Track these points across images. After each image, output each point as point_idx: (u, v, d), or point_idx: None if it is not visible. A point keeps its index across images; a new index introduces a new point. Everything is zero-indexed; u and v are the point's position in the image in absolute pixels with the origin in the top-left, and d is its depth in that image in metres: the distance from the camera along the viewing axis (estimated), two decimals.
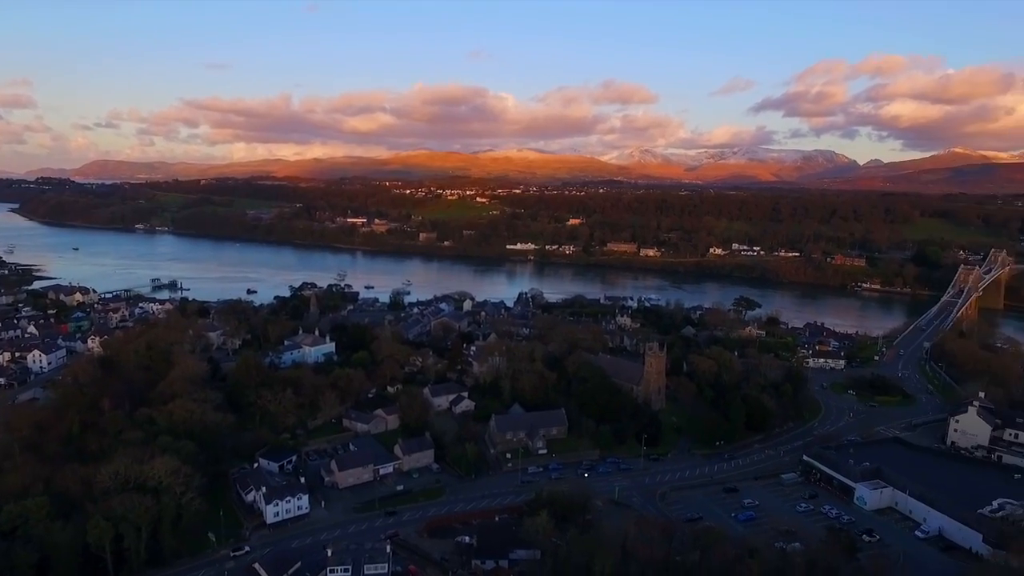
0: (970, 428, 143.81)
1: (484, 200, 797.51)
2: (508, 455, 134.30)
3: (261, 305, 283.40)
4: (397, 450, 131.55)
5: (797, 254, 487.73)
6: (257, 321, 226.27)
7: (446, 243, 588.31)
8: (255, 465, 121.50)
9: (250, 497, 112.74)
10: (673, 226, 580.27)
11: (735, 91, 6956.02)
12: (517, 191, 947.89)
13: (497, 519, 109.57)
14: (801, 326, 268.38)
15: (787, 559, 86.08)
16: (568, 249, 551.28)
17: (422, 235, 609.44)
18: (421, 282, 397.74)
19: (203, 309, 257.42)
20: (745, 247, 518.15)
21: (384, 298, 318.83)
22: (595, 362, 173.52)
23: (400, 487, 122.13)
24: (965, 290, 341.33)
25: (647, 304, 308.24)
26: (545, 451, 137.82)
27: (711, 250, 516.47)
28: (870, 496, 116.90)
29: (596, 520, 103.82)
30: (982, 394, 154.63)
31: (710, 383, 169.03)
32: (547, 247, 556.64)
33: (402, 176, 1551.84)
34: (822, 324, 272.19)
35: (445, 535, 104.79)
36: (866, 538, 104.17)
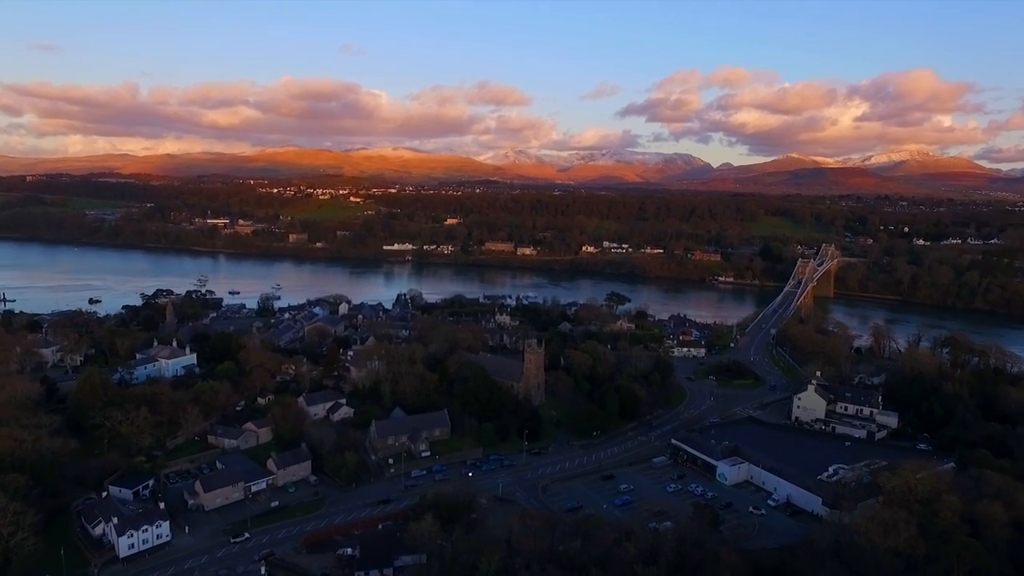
0: (810, 404, 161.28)
1: (358, 199, 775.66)
2: (391, 460, 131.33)
3: (107, 316, 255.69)
4: (271, 464, 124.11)
5: (661, 251, 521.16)
6: (102, 334, 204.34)
7: (319, 244, 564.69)
8: (104, 494, 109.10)
9: (99, 530, 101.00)
10: (548, 225, 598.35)
11: (603, 96, 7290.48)
12: (393, 190, 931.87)
13: (381, 527, 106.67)
14: (667, 318, 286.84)
15: (660, 537, 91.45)
16: (446, 249, 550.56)
17: (292, 236, 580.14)
18: (292, 286, 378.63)
19: (33, 323, 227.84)
20: (615, 245, 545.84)
21: (251, 304, 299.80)
22: (476, 361, 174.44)
23: (275, 503, 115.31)
24: (803, 281, 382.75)
25: (525, 302, 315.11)
26: (429, 453, 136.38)
27: (584, 248, 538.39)
28: (730, 472, 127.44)
29: (482, 518, 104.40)
30: (818, 373, 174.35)
31: (586, 376, 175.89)
32: (425, 247, 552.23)
33: (269, 174, 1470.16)
34: (685, 316, 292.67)
35: (325, 549, 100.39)
36: (754, 511, 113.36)
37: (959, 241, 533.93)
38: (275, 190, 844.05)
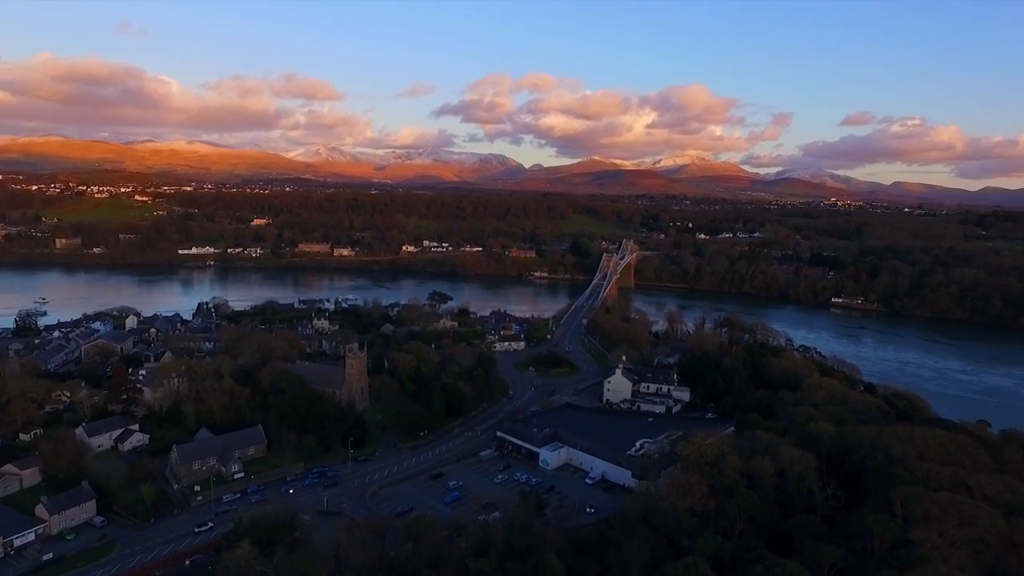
0: (618, 386, 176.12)
1: (145, 198, 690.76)
2: (197, 487, 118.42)
3: None
4: (40, 511, 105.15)
5: (481, 249, 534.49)
6: None
7: (96, 250, 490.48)
8: None
9: None
10: (366, 225, 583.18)
11: (419, 94, 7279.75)
12: (188, 188, 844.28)
13: (189, 563, 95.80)
14: (488, 314, 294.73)
15: (489, 529, 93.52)
16: (255, 252, 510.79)
17: (60, 241, 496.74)
18: (63, 299, 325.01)
19: None
20: (435, 244, 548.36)
21: (6, 323, 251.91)
22: (293, 371, 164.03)
23: (48, 556, 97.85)
24: (608, 274, 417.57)
25: (345, 305, 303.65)
26: (243, 474, 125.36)
27: (404, 247, 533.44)
28: (551, 457, 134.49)
29: (306, 536, 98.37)
30: (624, 357, 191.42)
31: (411, 377, 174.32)
32: (230, 250, 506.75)
33: (26, 168, 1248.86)
34: (505, 311, 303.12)
35: None
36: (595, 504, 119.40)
37: (731, 235, 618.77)
38: (35, 187, 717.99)
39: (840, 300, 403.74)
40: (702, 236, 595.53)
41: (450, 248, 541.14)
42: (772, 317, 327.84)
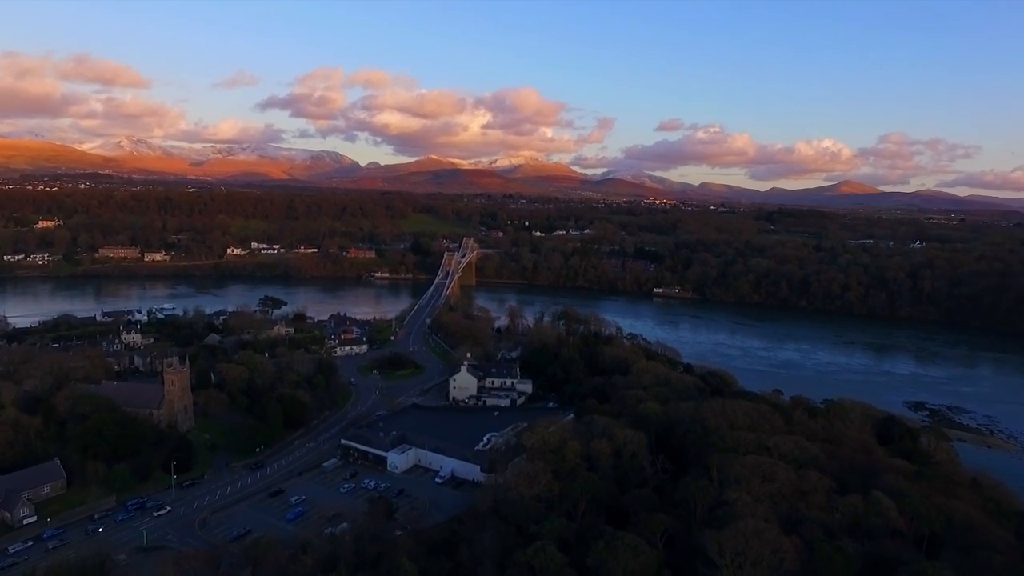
0: (463, 383, 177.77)
1: None
2: None
3: None
4: None
5: (315, 250, 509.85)
6: None
7: None
8: None
9: None
10: (183, 226, 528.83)
11: (240, 85, 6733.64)
12: None
13: None
14: (326, 318, 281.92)
15: (337, 541, 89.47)
16: (41, 259, 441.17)
17: None
18: None
19: None
20: (265, 245, 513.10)
21: None
22: (98, 392, 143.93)
23: None
24: (450, 272, 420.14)
25: (160, 315, 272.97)
26: (35, 518, 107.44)
27: (229, 250, 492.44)
28: (399, 460, 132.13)
29: None
30: (468, 354, 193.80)
31: (243, 390, 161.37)
32: (7, 258, 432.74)
33: None
34: (345, 314, 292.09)
35: None
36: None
37: (564, 232, 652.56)
38: None
39: (661, 290, 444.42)
40: (538, 234, 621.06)
41: (282, 250, 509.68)
42: (603, 308, 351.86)
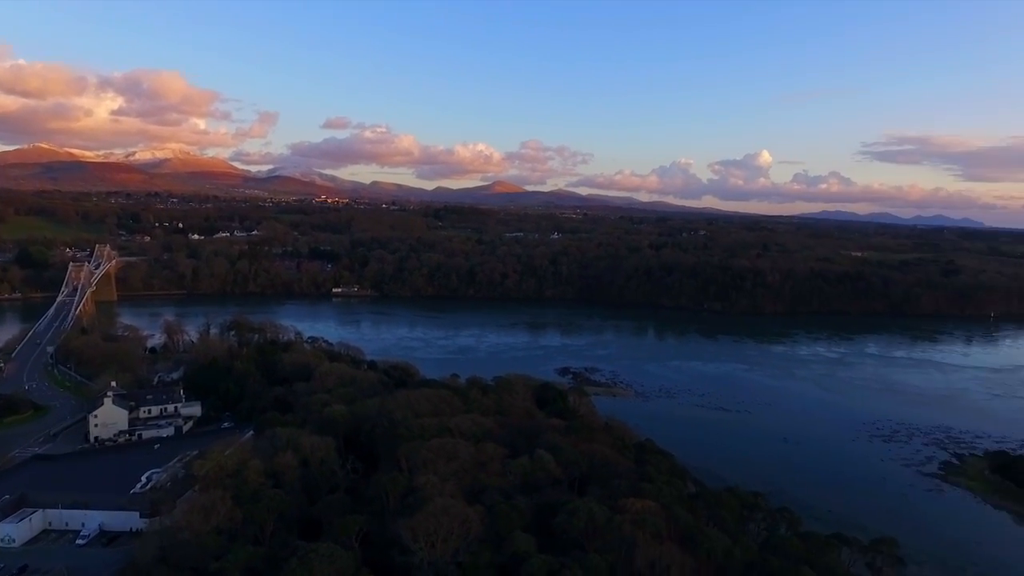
0: (109, 418, 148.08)
1: None
2: None
3: None
4: None
5: None
6: None
7: None
8: None
9: None
10: None
11: None
12: None
13: None
14: None
15: None
16: None
17: None
18: None
19: None
20: None
21: None
22: None
23: None
24: (80, 287, 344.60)
25: None
26: None
27: None
28: (16, 530, 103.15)
29: None
30: (114, 383, 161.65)
31: None
32: None
33: None
34: None
35: None
36: None
37: (228, 234, 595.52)
38: None
39: (340, 290, 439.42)
40: (196, 236, 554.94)
41: None
42: (280, 313, 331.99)
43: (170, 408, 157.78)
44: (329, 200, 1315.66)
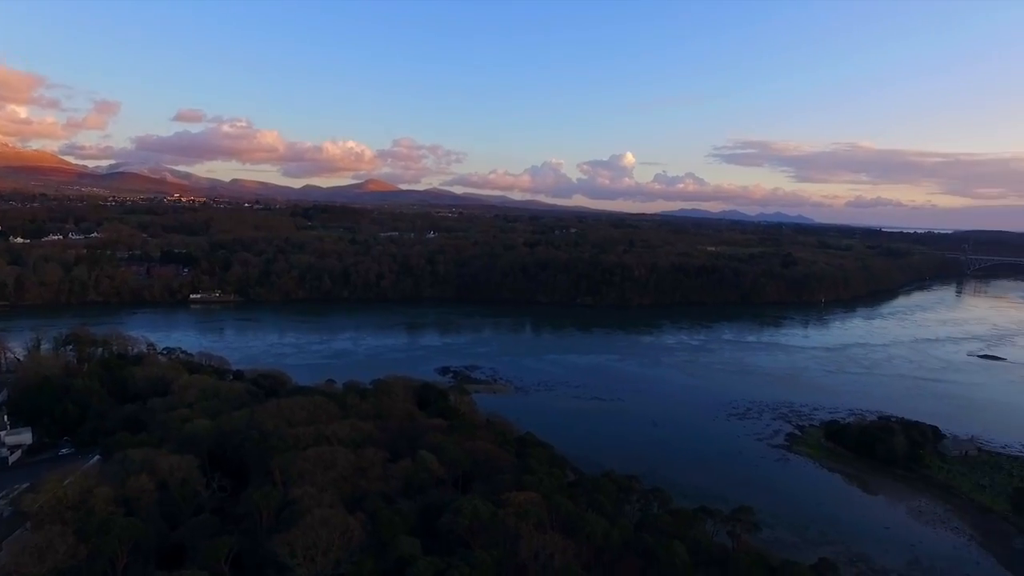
0: None
1: None
2: None
3: None
4: None
5: None
6: None
7: None
8: None
9: None
10: None
11: None
12: None
13: None
14: None
15: None
16: None
17: None
18: None
19: None
20: None
21: None
22: None
23: None
24: None
25: None
26: None
27: None
28: None
29: None
30: None
31: None
32: None
33: None
34: None
35: None
36: None
37: (61, 237, 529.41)
38: None
39: (199, 296, 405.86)
40: (20, 240, 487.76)
41: None
42: (129, 324, 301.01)
43: None
44: (184, 199, 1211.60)
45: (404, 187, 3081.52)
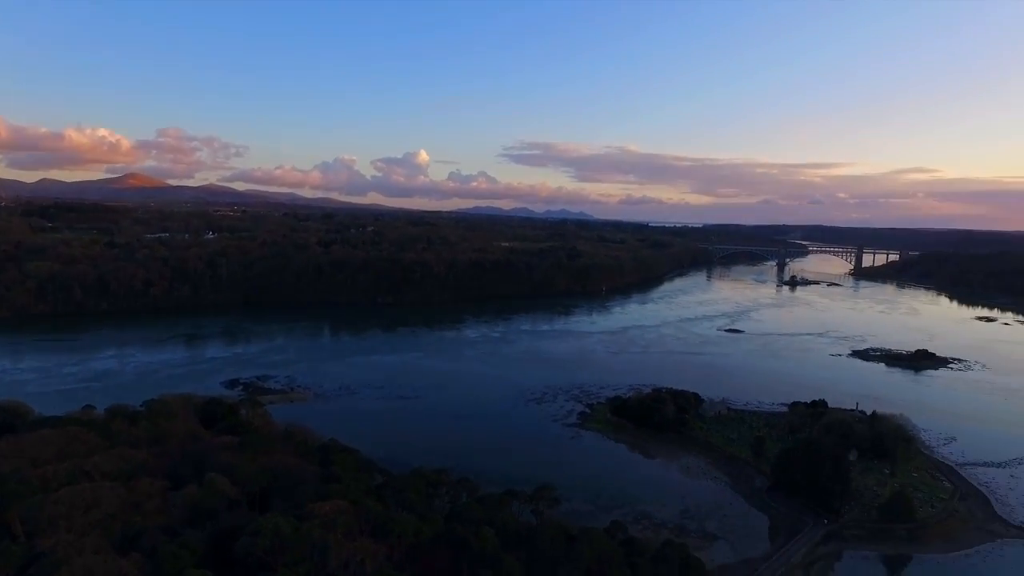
0: None
1: None
2: None
3: None
4: None
5: None
6: None
7: None
8: None
9: None
10: None
11: None
12: None
13: None
14: None
15: None
16: None
17: None
18: None
19: None
20: None
21: None
22: None
23: None
24: None
25: None
26: None
27: None
28: None
29: None
30: None
31: None
32: None
33: None
34: None
35: None
36: None
37: None
38: None
39: None
40: None
41: None
42: None
43: None
44: None
45: (174, 183, 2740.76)
